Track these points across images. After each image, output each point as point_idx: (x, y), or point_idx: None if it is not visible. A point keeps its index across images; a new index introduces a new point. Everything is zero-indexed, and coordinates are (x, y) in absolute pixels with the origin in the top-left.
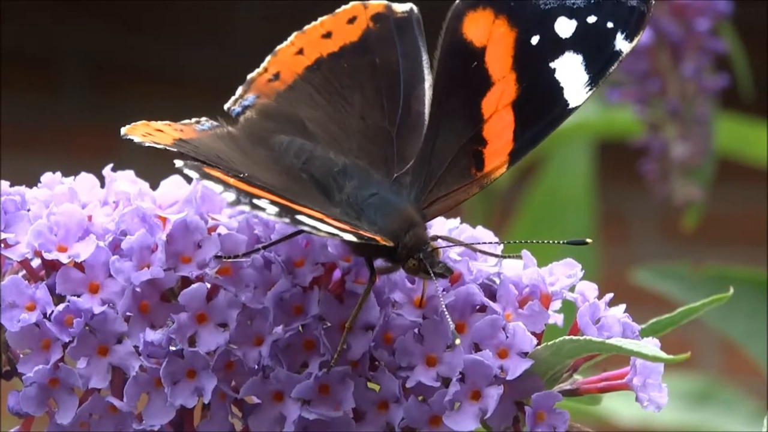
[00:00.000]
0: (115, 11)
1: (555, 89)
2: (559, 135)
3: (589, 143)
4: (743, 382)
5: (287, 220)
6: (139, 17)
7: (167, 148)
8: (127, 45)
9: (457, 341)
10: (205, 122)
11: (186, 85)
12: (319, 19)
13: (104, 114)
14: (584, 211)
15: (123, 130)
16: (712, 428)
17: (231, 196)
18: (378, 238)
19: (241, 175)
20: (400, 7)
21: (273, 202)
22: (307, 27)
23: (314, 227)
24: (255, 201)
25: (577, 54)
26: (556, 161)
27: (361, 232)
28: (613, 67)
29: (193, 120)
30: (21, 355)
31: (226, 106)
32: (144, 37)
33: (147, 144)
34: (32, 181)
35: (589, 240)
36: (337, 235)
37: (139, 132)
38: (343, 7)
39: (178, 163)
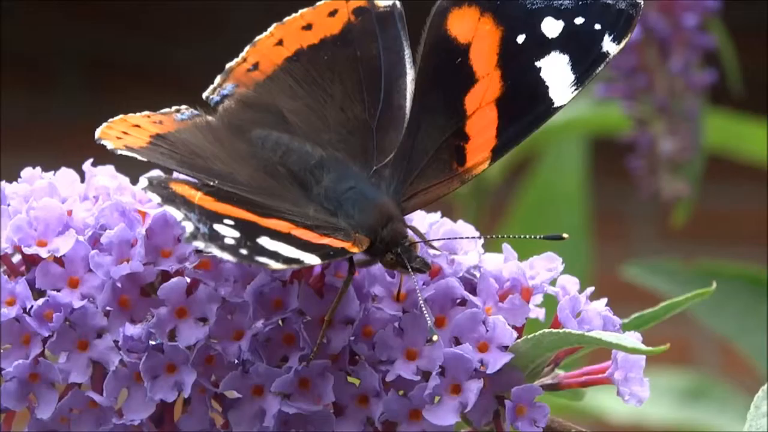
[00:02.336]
0: (112, 11)
1: (540, 88)
2: (551, 131)
3: (584, 140)
4: (740, 379)
5: (245, 252)
6: (137, 17)
7: (138, 156)
8: (125, 45)
9: (435, 337)
10: (185, 111)
11: (183, 84)
12: (300, 12)
13: (102, 113)
14: (577, 208)
15: (97, 133)
16: (705, 425)
17: (189, 227)
18: (347, 245)
19: (212, 183)
20: (382, 2)
21: (237, 223)
22: (287, 19)
23: (274, 254)
24: (216, 227)
25: (564, 54)
26: (549, 158)
27: (329, 242)
28: (599, 68)
29: (173, 108)
30: (1, 350)
31: (204, 95)
32: (141, 36)
33: (119, 151)
34: None
35: (565, 235)
36: (297, 260)
37: (114, 132)
38: (324, 0)
39: (143, 182)
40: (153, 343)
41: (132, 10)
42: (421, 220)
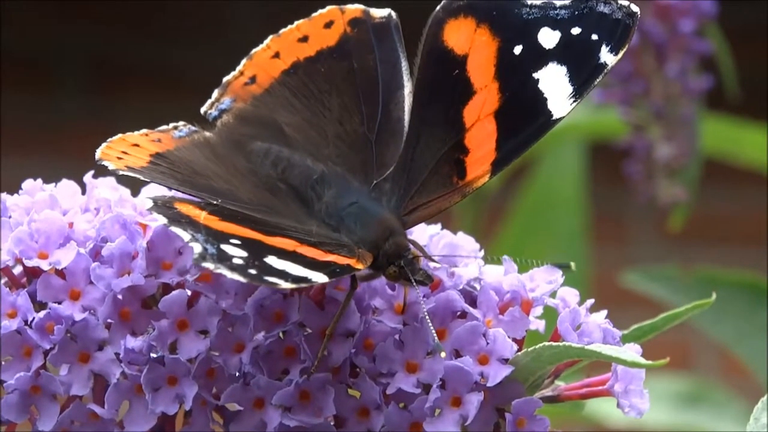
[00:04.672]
0: (112, 12)
1: (538, 100)
2: (549, 136)
3: (582, 144)
4: (740, 383)
5: (254, 272)
6: (137, 18)
7: (139, 176)
8: (125, 45)
9: (443, 354)
10: (183, 128)
11: (184, 85)
12: (295, 23)
13: (102, 114)
14: (576, 212)
15: (98, 154)
16: (703, 429)
17: (197, 248)
18: (352, 261)
19: (215, 203)
20: (378, 13)
21: (243, 243)
22: (282, 31)
23: (283, 273)
24: (223, 247)
25: (561, 65)
26: (547, 163)
27: (335, 260)
28: (598, 80)
29: (171, 126)
30: (2, 362)
31: (202, 110)
32: (142, 37)
33: (120, 172)
34: None
35: (572, 265)
36: (306, 279)
37: (114, 153)
38: (320, 11)
39: (148, 203)
40: (154, 355)
41: (133, 11)
42: (421, 232)
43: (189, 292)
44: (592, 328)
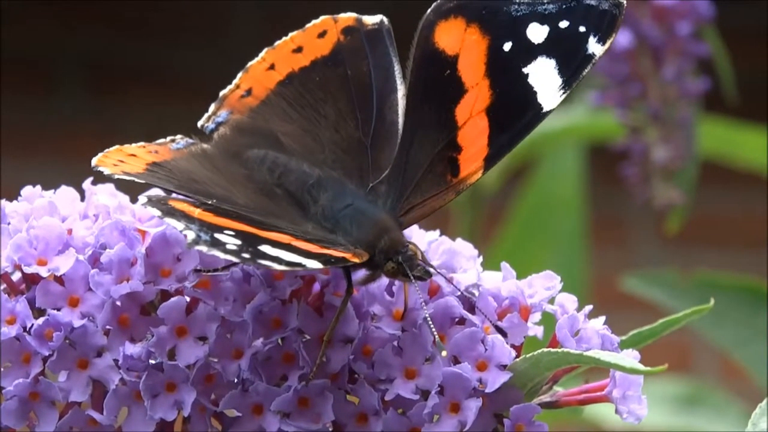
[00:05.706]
0: (113, 14)
1: (528, 94)
2: (547, 139)
3: (580, 146)
4: (740, 386)
5: (247, 256)
6: (137, 20)
7: (136, 179)
8: (125, 47)
9: (444, 353)
10: (180, 140)
11: (183, 86)
12: (290, 35)
13: (102, 116)
14: (575, 213)
15: (94, 161)
16: (701, 431)
17: (191, 235)
18: (348, 255)
19: (210, 203)
20: (370, 20)
21: (237, 233)
22: (277, 43)
23: (277, 258)
24: (216, 236)
25: (550, 58)
26: (546, 165)
27: (330, 252)
28: (586, 71)
29: (168, 139)
30: (1, 369)
31: (199, 123)
32: (142, 39)
33: (117, 176)
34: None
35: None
36: (300, 264)
37: (111, 160)
38: (313, 21)
39: (142, 199)
40: (153, 362)
41: (132, 12)
42: (419, 238)
43: (188, 299)
44: (590, 334)
